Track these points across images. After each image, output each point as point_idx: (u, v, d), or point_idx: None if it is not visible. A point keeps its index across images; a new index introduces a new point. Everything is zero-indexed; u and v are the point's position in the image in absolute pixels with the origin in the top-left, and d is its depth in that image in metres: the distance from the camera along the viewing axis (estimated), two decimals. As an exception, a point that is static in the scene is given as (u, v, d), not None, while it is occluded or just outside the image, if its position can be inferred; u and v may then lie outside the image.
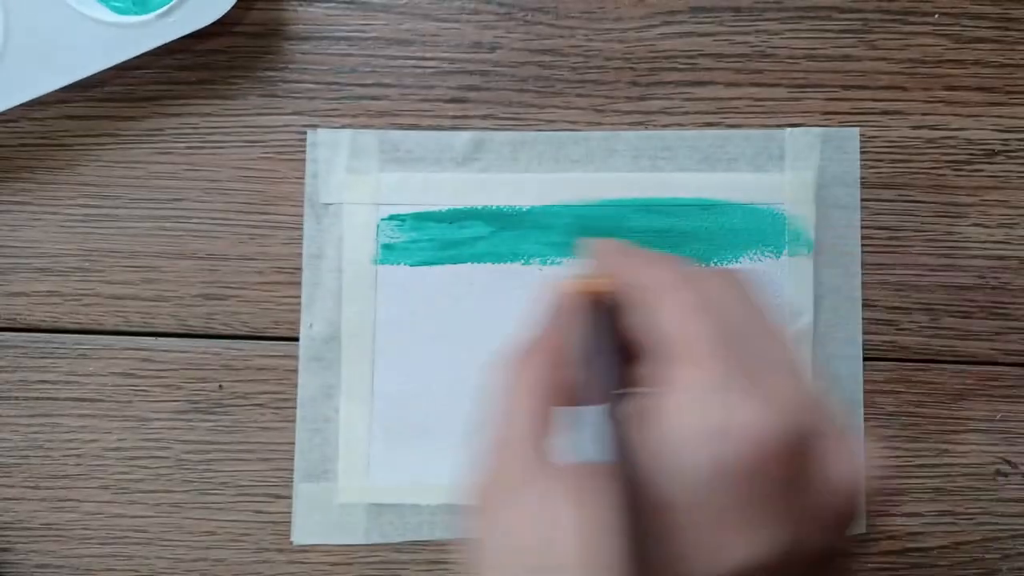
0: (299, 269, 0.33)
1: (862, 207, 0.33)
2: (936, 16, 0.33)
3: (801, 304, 0.32)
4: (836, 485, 0.18)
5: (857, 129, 0.33)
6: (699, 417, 0.18)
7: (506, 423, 0.21)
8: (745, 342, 0.19)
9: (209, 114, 0.33)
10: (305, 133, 0.33)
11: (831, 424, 0.19)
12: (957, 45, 0.33)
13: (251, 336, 0.33)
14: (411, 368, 0.32)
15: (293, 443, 0.33)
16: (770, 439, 0.17)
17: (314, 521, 0.32)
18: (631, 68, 0.33)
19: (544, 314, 0.24)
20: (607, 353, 0.21)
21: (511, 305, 0.32)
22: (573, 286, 0.23)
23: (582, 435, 0.21)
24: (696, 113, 0.33)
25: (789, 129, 0.33)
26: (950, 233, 0.33)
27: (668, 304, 0.20)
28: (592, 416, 0.19)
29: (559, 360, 0.22)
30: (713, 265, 0.30)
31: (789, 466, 0.17)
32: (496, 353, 0.22)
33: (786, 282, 0.32)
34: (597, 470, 0.18)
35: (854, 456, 0.18)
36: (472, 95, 0.33)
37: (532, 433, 0.20)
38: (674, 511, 0.17)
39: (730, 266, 0.22)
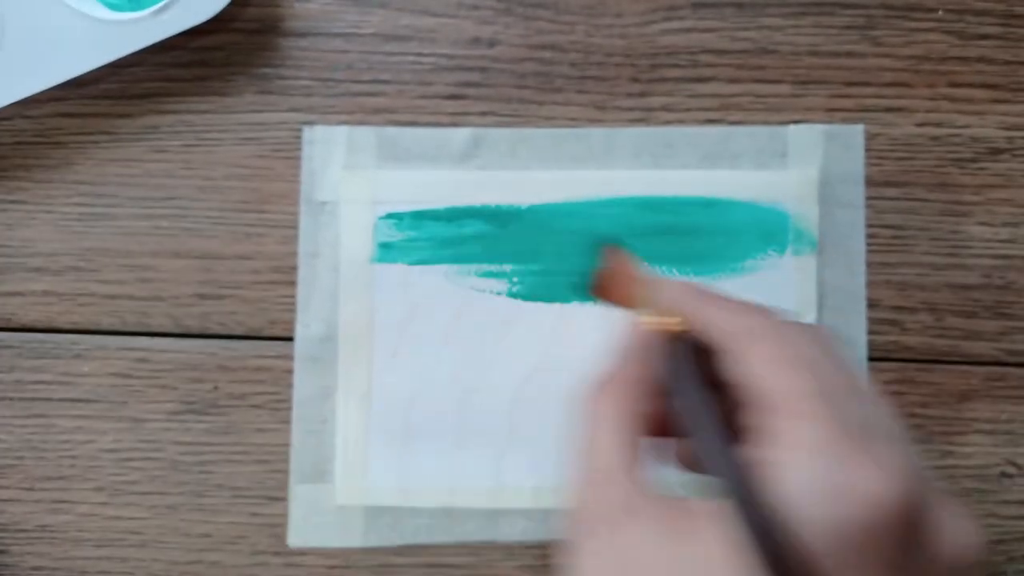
0: (295, 268, 0.33)
1: (866, 205, 0.33)
2: (940, 12, 0.33)
3: (804, 303, 0.32)
4: (949, 554, 0.18)
5: (862, 126, 0.33)
6: (817, 476, 0.17)
7: (595, 455, 0.21)
8: (842, 402, 0.19)
9: (204, 111, 0.33)
10: (301, 130, 0.33)
11: (937, 493, 0.18)
12: (961, 41, 0.33)
13: (247, 336, 0.33)
14: (409, 368, 0.32)
15: (289, 444, 0.32)
16: (889, 505, 0.17)
17: (311, 523, 0.32)
18: (632, 64, 0.33)
19: (619, 349, 0.23)
20: (696, 390, 0.21)
21: (510, 304, 0.32)
22: (647, 324, 0.23)
23: (696, 471, 0.22)
24: (698, 110, 0.33)
25: (792, 126, 0.33)
26: (955, 232, 0.33)
27: (760, 354, 0.20)
28: (711, 453, 0.19)
29: (643, 391, 0.22)
30: (792, 317, 0.30)
31: (905, 533, 0.17)
32: (577, 387, 0.22)
33: (789, 281, 0.32)
34: (731, 509, 0.18)
35: (965, 526, 0.18)
36: (471, 91, 0.33)
37: (625, 464, 0.20)
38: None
39: (812, 322, 0.22)
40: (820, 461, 0.18)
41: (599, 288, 0.29)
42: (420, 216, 0.32)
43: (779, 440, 0.18)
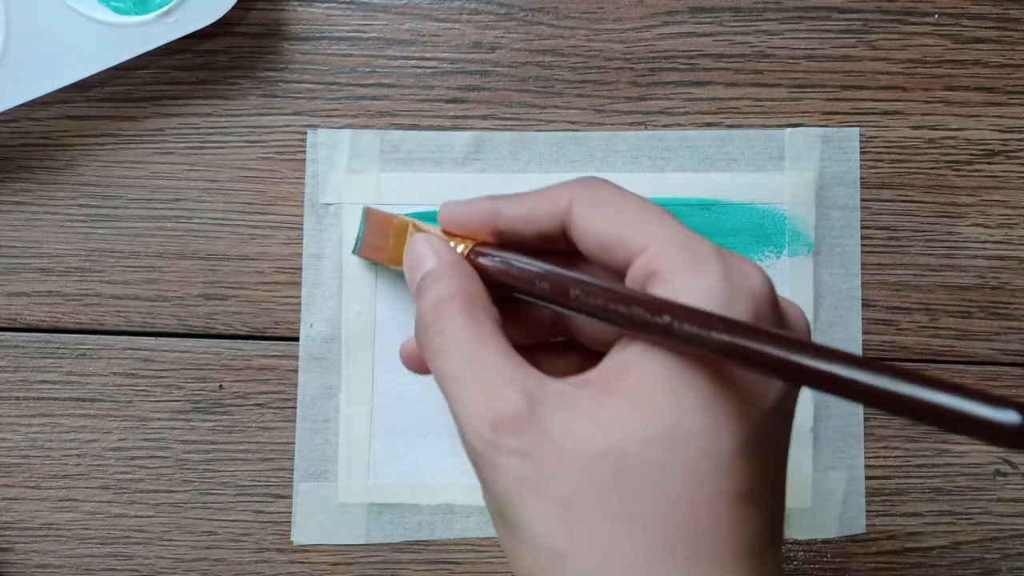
0: (299, 269, 0.33)
1: (861, 207, 0.33)
2: (936, 16, 0.33)
3: (800, 304, 0.32)
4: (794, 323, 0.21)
5: (857, 129, 0.33)
6: (717, 284, 0.19)
7: (479, 363, 0.21)
8: (684, 229, 0.21)
9: (209, 114, 0.33)
10: (305, 133, 0.33)
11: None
12: (957, 45, 0.33)
13: (252, 336, 0.33)
14: (411, 368, 0.33)
15: (293, 443, 0.33)
16: (768, 287, 0.20)
17: (314, 521, 0.32)
18: (631, 68, 0.33)
19: (429, 276, 0.23)
20: (551, 266, 0.22)
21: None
22: (447, 243, 0.24)
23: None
24: (696, 113, 0.33)
25: (789, 129, 0.33)
26: (950, 233, 0.33)
27: (605, 213, 0.21)
28: (608, 302, 0.20)
29: (483, 300, 0.22)
30: None
31: (776, 302, 0.20)
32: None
33: (786, 282, 0.33)
34: (659, 337, 0.19)
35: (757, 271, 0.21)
36: (472, 95, 0.33)
37: (516, 360, 0.21)
38: None
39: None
40: (714, 274, 0.19)
41: (365, 249, 0.30)
42: (422, 218, 0.33)
43: (666, 272, 0.20)
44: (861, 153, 0.33)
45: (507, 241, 0.23)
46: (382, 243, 0.29)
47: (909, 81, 0.33)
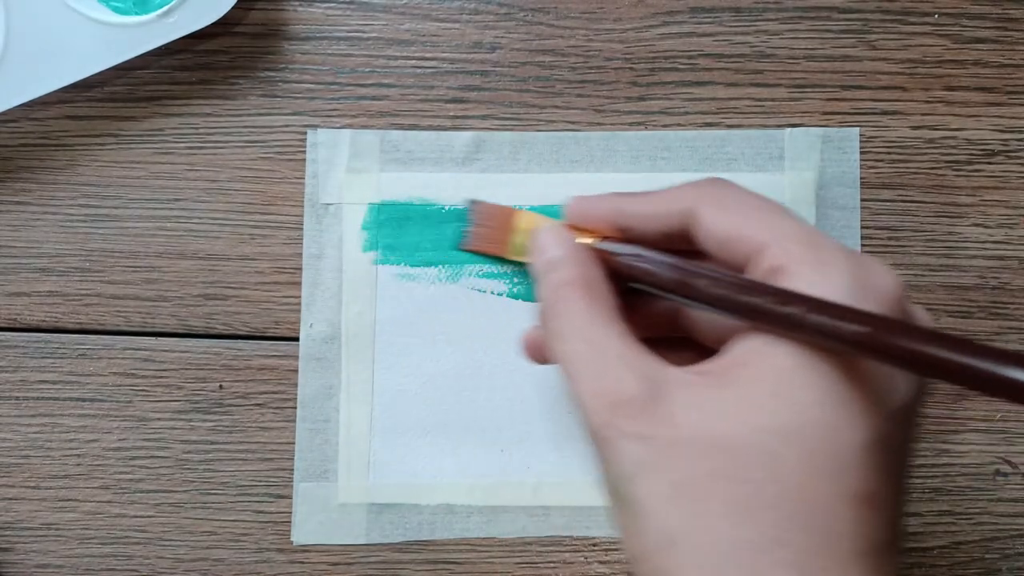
0: (299, 269, 0.33)
1: (861, 207, 0.33)
2: (936, 16, 0.34)
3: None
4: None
5: (857, 129, 0.33)
6: (848, 284, 0.19)
7: (596, 351, 0.21)
8: (810, 227, 0.21)
9: (209, 114, 0.33)
10: (305, 133, 0.33)
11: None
12: (957, 45, 0.33)
13: (251, 336, 0.33)
14: (411, 367, 0.33)
15: (293, 443, 0.33)
16: (898, 291, 0.20)
17: (314, 521, 0.32)
18: (631, 68, 0.33)
19: (551, 262, 0.24)
20: (678, 258, 0.22)
21: (511, 304, 0.32)
22: (578, 238, 0.25)
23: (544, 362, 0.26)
24: (696, 113, 0.33)
25: (789, 129, 0.33)
26: (950, 233, 0.33)
27: (726, 212, 0.22)
28: (732, 295, 0.20)
29: (603, 289, 0.23)
30: None
31: (905, 307, 0.20)
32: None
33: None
34: (785, 328, 0.19)
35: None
36: (472, 95, 0.33)
37: (634, 346, 0.21)
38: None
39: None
40: (842, 271, 0.19)
41: (476, 241, 0.32)
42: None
43: (792, 268, 0.19)
44: (861, 153, 0.33)
45: (630, 238, 0.24)
46: (500, 235, 0.31)
47: (909, 81, 0.33)
